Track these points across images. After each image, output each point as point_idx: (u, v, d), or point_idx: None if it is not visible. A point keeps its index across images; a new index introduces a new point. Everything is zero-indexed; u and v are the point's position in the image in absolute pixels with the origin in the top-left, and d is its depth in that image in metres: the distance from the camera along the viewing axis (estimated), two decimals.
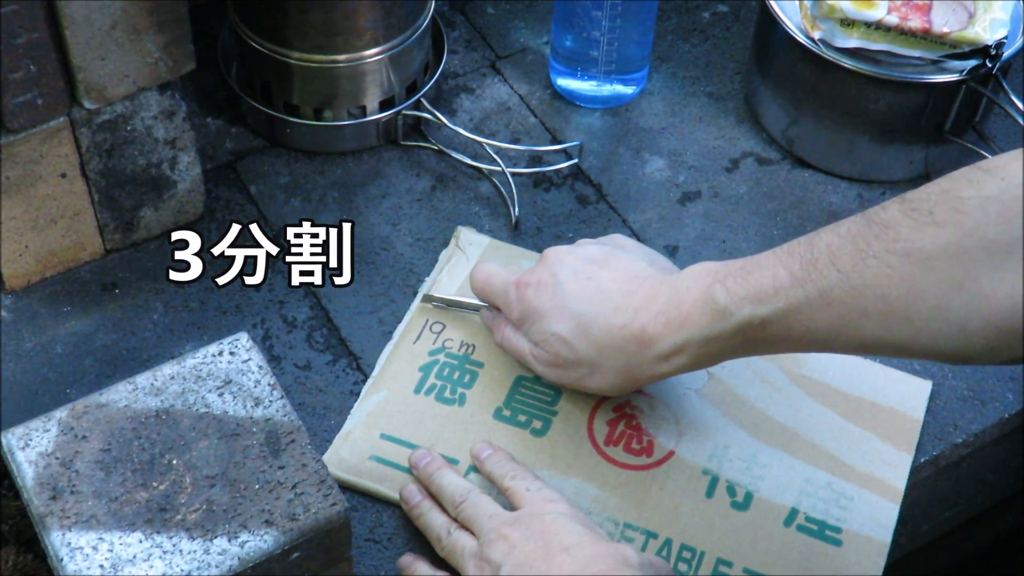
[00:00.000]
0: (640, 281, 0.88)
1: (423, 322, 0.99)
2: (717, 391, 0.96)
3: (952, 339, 0.74)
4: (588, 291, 0.88)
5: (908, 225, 0.75)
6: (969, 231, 0.72)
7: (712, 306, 0.82)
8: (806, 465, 0.92)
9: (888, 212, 0.76)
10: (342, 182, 1.10)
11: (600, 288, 0.88)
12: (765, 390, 0.96)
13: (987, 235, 0.72)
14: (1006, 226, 0.72)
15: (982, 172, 0.74)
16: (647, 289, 0.87)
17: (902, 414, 0.95)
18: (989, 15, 1.03)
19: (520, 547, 0.81)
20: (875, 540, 0.89)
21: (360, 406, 0.95)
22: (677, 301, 0.85)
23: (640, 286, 0.87)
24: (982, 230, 0.72)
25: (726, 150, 1.14)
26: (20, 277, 0.99)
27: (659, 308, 0.85)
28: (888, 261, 0.75)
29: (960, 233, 0.73)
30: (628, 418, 0.94)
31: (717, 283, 0.83)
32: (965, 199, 0.73)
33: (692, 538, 0.89)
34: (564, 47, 1.13)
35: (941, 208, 0.74)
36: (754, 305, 0.80)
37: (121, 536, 0.75)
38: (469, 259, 1.03)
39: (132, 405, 0.80)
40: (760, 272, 0.81)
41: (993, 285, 0.72)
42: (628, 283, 0.88)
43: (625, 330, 0.86)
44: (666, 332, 0.85)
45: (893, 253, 0.75)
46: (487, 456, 0.90)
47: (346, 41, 1.05)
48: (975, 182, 0.74)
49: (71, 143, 0.93)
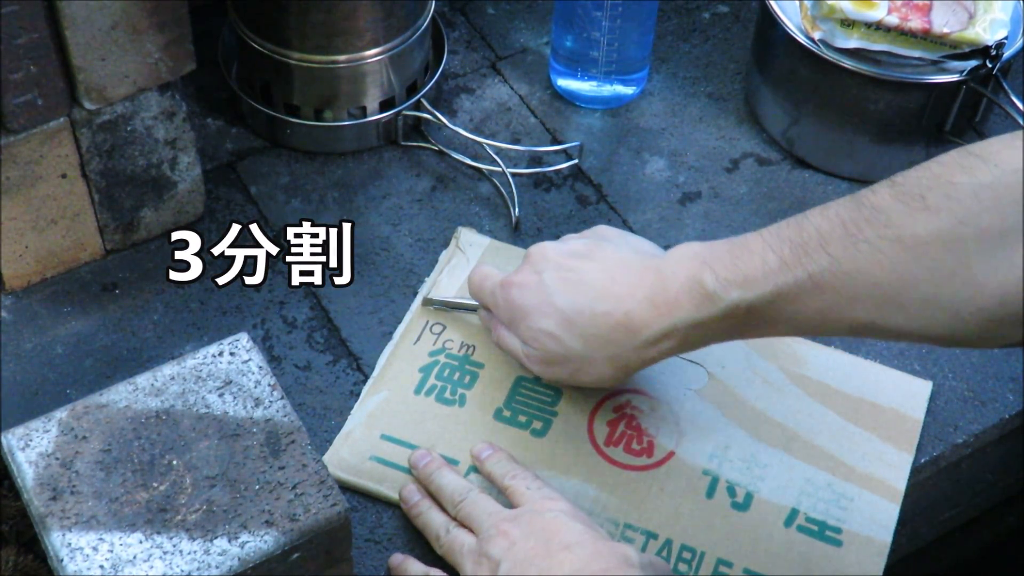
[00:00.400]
0: (623, 268, 0.87)
1: (423, 323, 0.99)
2: (717, 391, 0.96)
3: (945, 325, 0.74)
4: (571, 284, 0.87)
5: (900, 210, 0.74)
6: (962, 219, 0.72)
7: (700, 291, 0.81)
8: (806, 465, 0.92)
9: (878, 196, 0.76)
10: (342, 183, 1.10)
11: (583, 280, 0.87)
12: (765, 390, 0.96)
13: (980, 223, 0.72)
14: (999, 214, 0.71)
15: (974, 158, 0.73)
16: (631, 275, 0.86)
17: (902, 414, 0.95)
18: (989, 15, 1.03)
19: (520, 544, 0.81)
20: (875, 540, 0.89)
21: (360, 407, 0.95)
22: (663, 286, 0.84)
23: (624, 273, 0.86)
24: (975, 218, 0.72)
25: (726, 150, 1.14)
26: (20, 277, 0.99)
27: (644, 294, 0.84)
28: (880, 247, 0.74)
29: (953, 220, 0.72)
30: (628, 419, 0.94)
31: (705, 267, 0.82)
32: (958, 185, 0.72)
33: (692, 538, 0.89)
34: (564, 47, 1.13)
35: (933, 193, 0.73)
36: (743, 290, 0.80)
37: (121, 537, 0.75)
38: (469, 260, 1.03)
39: (132, 405, 0.80)
40: (749, 256, 0.80)
41: (986, 273, 0.72)
42: (611, 271, 0.87)
43: (610, 318, 0.85)
44: (653, 317, 0.84)
45: (885, 239, 0.74)
46: (487, 456, 0.90)
47: (346, 41, 1.05)
48: (968, 168, 0.73)
49: (71, 143, 0.93)
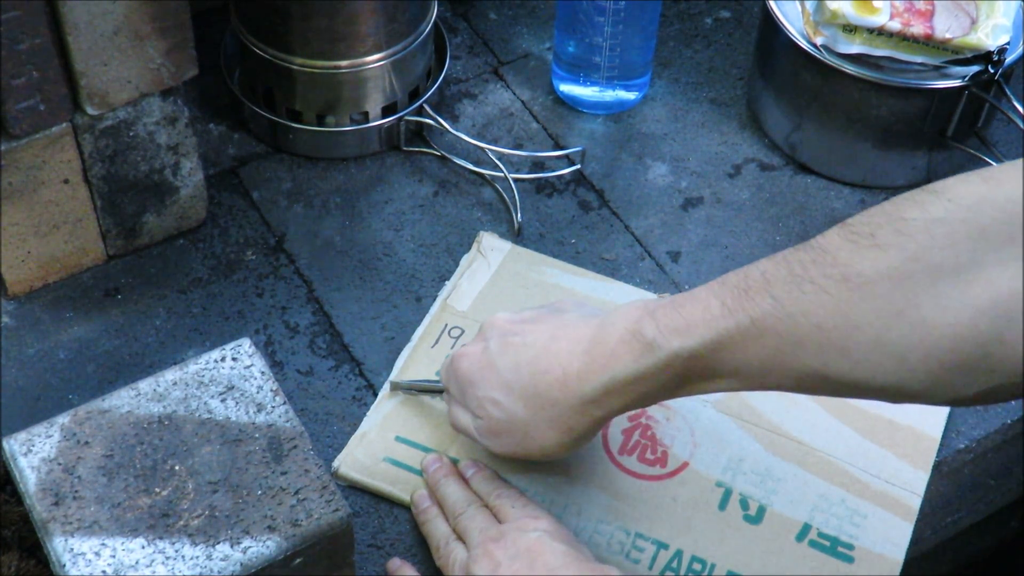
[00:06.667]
0: (566, 328, 0.83)
1: (441, 327, 0.99)
2: (733, 403, 0.95)
3: (892, 373, 0.70)
4: (512, 347, 0.83)
5: (848, 249, 0.70)
6: (913, 255, 0.68)
7: (639, 341, 0.77)
8: (821, 481, 0.92)
9: (827, 237, 0.72)
10: (344, 188, 1.10)
11: (524, 343, 0.83)
12: (782, 404, 0.95)
13: (932, 259, 0.68)
14: (952, 250, 0.67)
15: (927, 193, 0.70)
16: (572, 331, 0.82)
17: (919, 432, 0.95)
18: (991, 21, 1.03)
19: (504, 566, 0.81)
20: (888, 558, 0.89)
21: (377, 408, 0.95)
22: (602, 338, 0.79)
23: (565, 332, 0.82)
24: (927, 254, 0.68)
25: (728, 156, 1.14)
26: (23, 283, 0.99)
27: (583, 348, 0.80)
28: (824, 286, 0.70)
29: (903, 256, 0.68)
30: (643, 428, 0.94)
31: (646, 317, 0.77)
32: (909, 221, 0.69)
33: (703, 550, 0.88)
34: (567, 53, 1.13)
35: (883, 231, 0.70)
36: (683, 337, 0.75)
37: (123, 542, 0.75)
38: (491, 265, 1.03)
39: (135, 411, 0.80)
40: (692, 304, 0.76)
41: (935, 313, 0.68)
42: (554, 331, 0.83)
43: (548, 375, 0.81)
44: (590, 371, 0.79)
45: (830, 278, 0.70)
46: (471, 475, 0.90)
47: (349, 47, 1.05)
48: (920, 203, 0.69)
49: (73, 149, 0.93)
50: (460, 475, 0.90)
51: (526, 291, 1.02)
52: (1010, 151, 1.09)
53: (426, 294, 1.03)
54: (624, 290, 1.02)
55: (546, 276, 1.03)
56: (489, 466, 0.90)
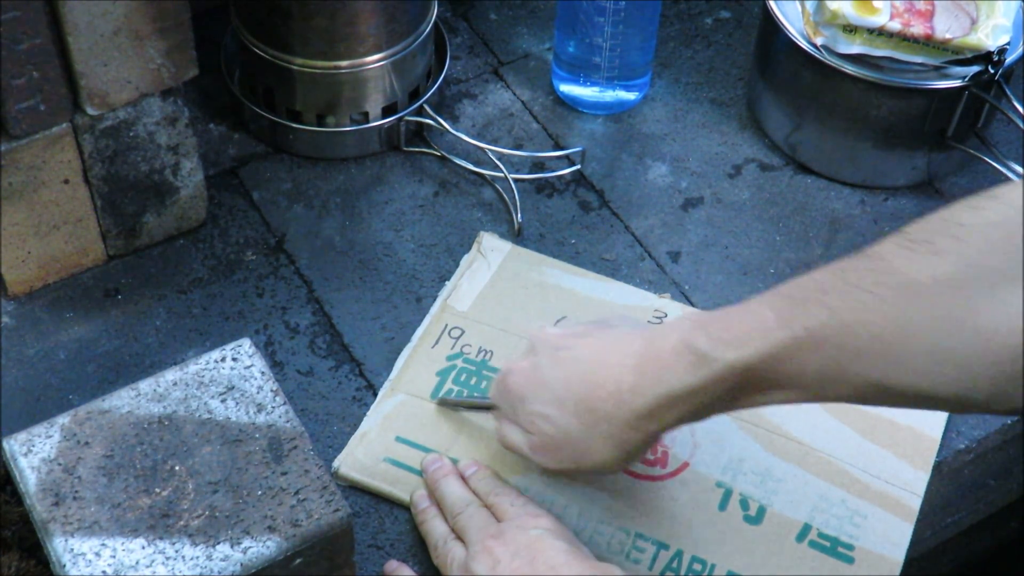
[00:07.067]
0: (617, 341, 0.81)
1: (442, 327, 0.99)
2: None
3: (953, 383, 0.68)
4: (563, 362, 0.82)
5: (904, 256, 0.69)
6: (971, 260, 0.67)
7: (693, 352, 0.75)
8: (821, 481, 0.92)
9: (884, 245, 0.71)
10: (345, 188, 1.10)
11: (575, 356, 0.82)
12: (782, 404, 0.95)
13: (990, 263, 0.67)
14: (1010, 255, 0.66)
15: (985, 198, 0.69)
16: (622, 345, 0.80)
17: (919, 432, 0.94)
18: (991, 21, 1.03)
19: (504, 563, 0.80)
20: (888, 559, 0.89)
21: (377, 408, 0.95)
22: (654, 351, 0.78)
23: (616, 345, 0.81)
24: (985, 259, 0.67)
25: (728, 156, 1.14)
26: (23, 283, 0.99)
27: (634, 361, 0.78)
28: (882, 295, 0.69)
29: (961, 263, 0.67)
30: None
31: (698, 328, 0.76)
32: (966, 226, 0.68)
33: (703, 550, 0.88)
34: (567, 53, 1.13)
35: (940, 236, 0.68)
36: (737, 349, 0.73)
37: (124, 542, 0.75)
38: (491, 265, 1.03)
39: (135, 411, 0.80)
40: (744, 315, 0.74)
41: (995, 320, 0.66)
42: (604, 345, 0.82)
43: (601, 390, 0.79)
44: (643, 385, 0.78)
45: (887, 286, 0.69)
46: (471, 474, 0.90)
47: (349, 47, 1.05)
48: (977, 207, 0.69)
49: (74, 149, 0.93)
50: (460, 475, 0.90)
51: (526, 291, 1.02)
52: (1010, 151, 1.09)
53: (426, 294, 1.03)
54: (624, 290, 1.02)
55: (546, 276, 1.03)
56: (489, 466, 0.90)
